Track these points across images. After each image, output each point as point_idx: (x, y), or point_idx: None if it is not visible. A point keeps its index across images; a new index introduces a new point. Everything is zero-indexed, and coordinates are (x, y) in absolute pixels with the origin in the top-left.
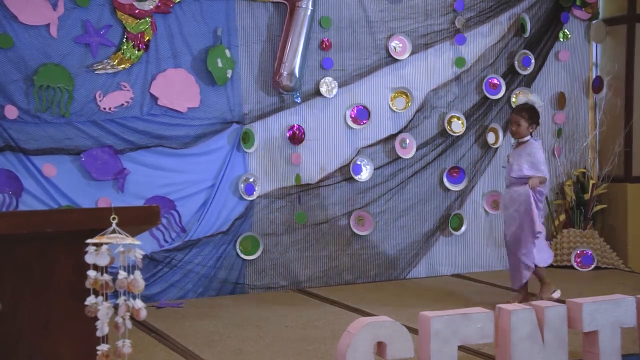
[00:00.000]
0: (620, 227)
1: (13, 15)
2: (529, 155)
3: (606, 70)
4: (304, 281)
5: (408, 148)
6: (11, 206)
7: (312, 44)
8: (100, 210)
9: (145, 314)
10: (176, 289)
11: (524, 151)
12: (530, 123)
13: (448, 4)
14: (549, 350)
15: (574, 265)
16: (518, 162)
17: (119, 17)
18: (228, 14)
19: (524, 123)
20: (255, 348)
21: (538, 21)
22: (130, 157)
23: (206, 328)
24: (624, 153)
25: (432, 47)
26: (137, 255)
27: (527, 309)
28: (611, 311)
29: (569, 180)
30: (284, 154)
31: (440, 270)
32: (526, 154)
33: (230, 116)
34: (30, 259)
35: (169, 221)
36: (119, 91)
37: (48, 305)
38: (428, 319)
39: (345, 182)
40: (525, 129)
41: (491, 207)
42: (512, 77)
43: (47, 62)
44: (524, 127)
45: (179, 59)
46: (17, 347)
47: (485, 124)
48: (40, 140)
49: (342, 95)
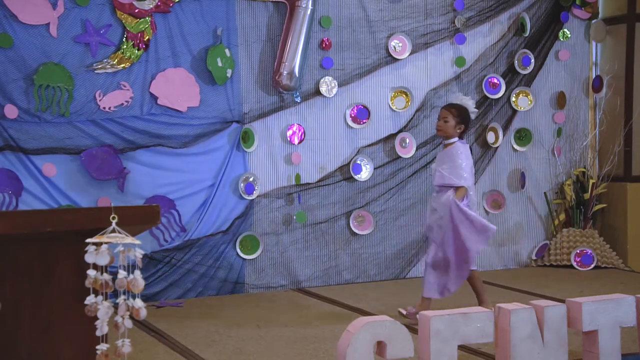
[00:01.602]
0: (620, 227)
1: (13, 15)
2: (452, 161)
3: (606, 69)
4: (303, 280)
5: (408, 147)
6: (11, 206)
7: (312, 43)
8: (100, 209)
9: (145, 313)
10: (176, 289)
11: (447, 155)
12: (459, 122)
13: (448, 4)
14: (549, 350)
15: (573, 264)
16: (440, 168)
17: (119, 17)
18: (228, 14)
19: (452, 120)
20: (255, 348)
21: (538, 21)
22: (130, 157)
23: (206, 328)
24: (623, 152)
25: (432, 47)
26: (137, 255)
27: (527, 309)
28: (611, 311)
29: (569, 180)
30: (284, 154)
31: None
32: (449, 158)
33: (230, 116)
34: (30, 259)
35: (169, 220)
36: (118, 91)
37: (48, 305)
38: (428, 318)
39: (345, 182)
40: (452, 127)
41: (491, 207)
42: (512, 76)
43: (47, 62)
44: (451, 125)
45: (178, 59)
46: (17, 347)
47: (485, 124)
48: (40, 139)
49: (342, 94)
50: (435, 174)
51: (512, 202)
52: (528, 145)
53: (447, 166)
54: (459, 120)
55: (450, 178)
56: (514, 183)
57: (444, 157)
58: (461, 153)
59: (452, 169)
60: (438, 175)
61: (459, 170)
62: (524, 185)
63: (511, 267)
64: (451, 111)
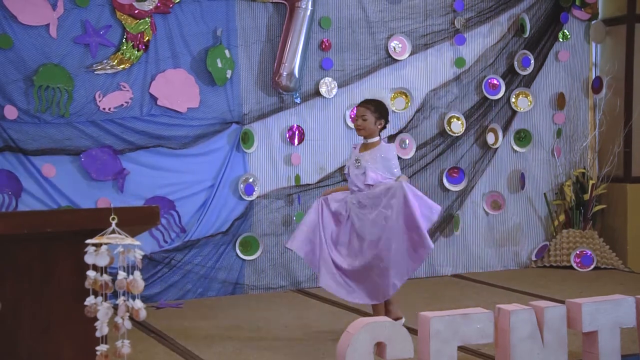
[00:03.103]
0: (620, 228)
1: (13, 16)
2: (385, 160)
3: (606, 70)
4: (303, 281)
5: (408, 148)
6: (11, 206)
7: (312, 44)
8: (100, 210)
9: (145, 314)
10: (176, 289)
11: (377, 154)
12: (378, 117)
13: (448, 5)
14: (549, 351)
15: (573, 265)
16: (373, 168)
17: (119, 18)
18: (228, 15)
19: (371, 116)
20: (255, 348)
21: (538, 21)
22: (129, 158)
23: (206, 328)
24: (623, 153)
25: (431, 48)
26: (136, 256)
27: (527, 310)
28: (611, 311)
29: (569, 181)
30: (284, 155)
31: (440, 271)
32: (380, 157)
33: (230, 116)
34: (30, 259)
35: (169, 221)
36: (118, 91)
37: (48, 305)
38: (428, 319)
39: (345, 182)
40: (372, 123)
41: (491, 208)
42: (511, 77)
43: (47, 63)
44: (371, 122)
45: (178, 59)
46: (17, 347)
47: (484, 125)
48: (40, 140)
49: (342, 95)
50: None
51: (512, 203)
52: (528, 146)
53: (380, 165)
54: (377, 115)
55: (385, 177)
56: (514, 184)
57: (375, 156)
58: (391, 151)
59: (388, 167)
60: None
61: (393, 170)
62: (524, 186)
63: (511, 268)
64: (368, 107)
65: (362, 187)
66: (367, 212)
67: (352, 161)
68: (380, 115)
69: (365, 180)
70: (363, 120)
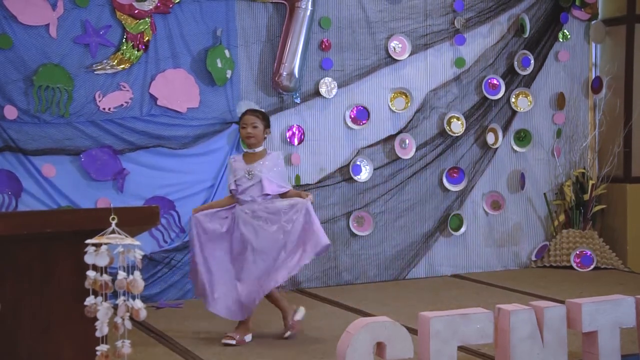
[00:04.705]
0: (620, 228)
1: (12, 16)
2: (277, 167)
3: (606, 70)
4: (303, 281)
5: (407, 148)
6: (11, 206)
7: (312, 44)
8: (100, 210)
9: (145, 314)
10: (175, 290)
11: (270, 163)
12: (265, 126)
13: (448, 5)
14: (549, 351)
15: (573, 265)
16: (267, 177)
17: (119, 18)
18: (228, 15)
19: (260, 124)
20: (254, 349)
21: (537, 21)
22: (129, 158)
23: (206, 328)
24: (623, 153)
25: (431, 48)
26: (136, 256)
27: (527, 310)
28: (611, 311)
29: (569, 181)
30: (284, 155)
31: (440, 271)
32: (273, 166)
33: (230, 116)
34: (30, 259)
35: (169, 221)
36: (118, 91)
37: (48, 306)
38: (428, 319)
39: (345, 183)
40: (262, 132)
41: (491, 208)
42: (511, 77)
43: (47, 63)
44: (261, 130)
45: (178, 60)
46: (17, 347)
47: (484, 125)
48: (40, 140)
49: (342, 95)
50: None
51: (512, 203)
52: (528, 146)
53: (273, 174)
54: (265, 124)
55: (281, 186)
56: (514, 184)
57: (269, 166)
58: (280, 158)
59: (281, 176)
60: (267, 184)
61: (285, 177)
62: (524, 186)
63: (511, 268)
64: (258, 116)
65: (257, 198)
66: (264, 224)
67: (242, 174)
68: (267, 124)
69: (263, 190)
70: (254, 128)
